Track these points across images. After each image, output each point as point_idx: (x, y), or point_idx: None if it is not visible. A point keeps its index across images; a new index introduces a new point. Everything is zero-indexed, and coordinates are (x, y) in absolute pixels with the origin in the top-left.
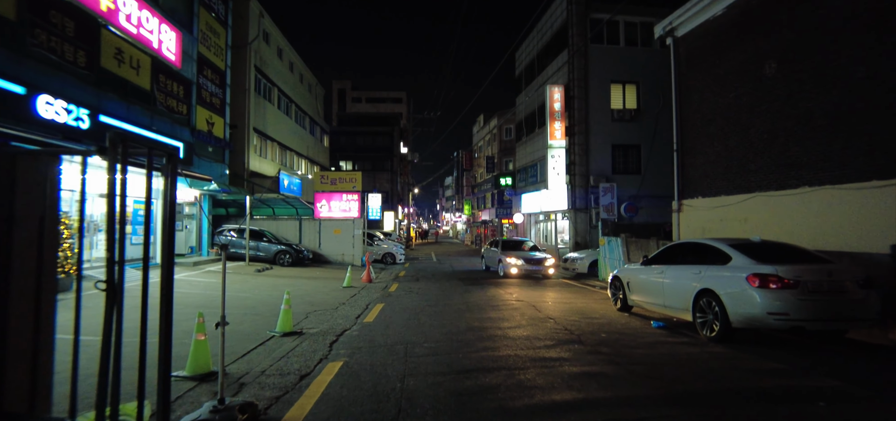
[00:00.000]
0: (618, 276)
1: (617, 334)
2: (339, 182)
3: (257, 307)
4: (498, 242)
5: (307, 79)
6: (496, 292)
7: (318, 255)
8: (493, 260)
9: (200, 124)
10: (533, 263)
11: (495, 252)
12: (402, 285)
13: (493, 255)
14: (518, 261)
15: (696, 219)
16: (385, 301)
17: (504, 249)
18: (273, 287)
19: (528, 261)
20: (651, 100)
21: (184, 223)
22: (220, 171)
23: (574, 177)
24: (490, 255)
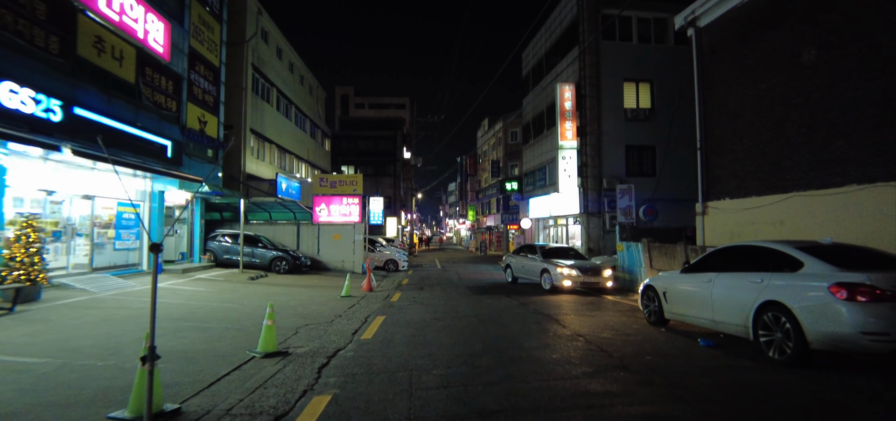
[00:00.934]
0: (651, 285)
1: (663, 356)
2: (340, 185)
3: (242, 321)
4: (536, 249)
5: (308, 80)
6: (508, 303)
7: (317, 261)
8: (528, 270)
9: (192, 122)
10: (589, 272)
11: (534, 261)
12: (405, 295)
13: (530, 264)
14: (571, 271)
15: (722, 222)
16: (386, 313)
17: (547, 256)
18: (264, 297)
19: (584, 270)
20: (666, 99)
21: (174, 227)
22: (213, 173)
23: (586, 179)
24: (524, 264)
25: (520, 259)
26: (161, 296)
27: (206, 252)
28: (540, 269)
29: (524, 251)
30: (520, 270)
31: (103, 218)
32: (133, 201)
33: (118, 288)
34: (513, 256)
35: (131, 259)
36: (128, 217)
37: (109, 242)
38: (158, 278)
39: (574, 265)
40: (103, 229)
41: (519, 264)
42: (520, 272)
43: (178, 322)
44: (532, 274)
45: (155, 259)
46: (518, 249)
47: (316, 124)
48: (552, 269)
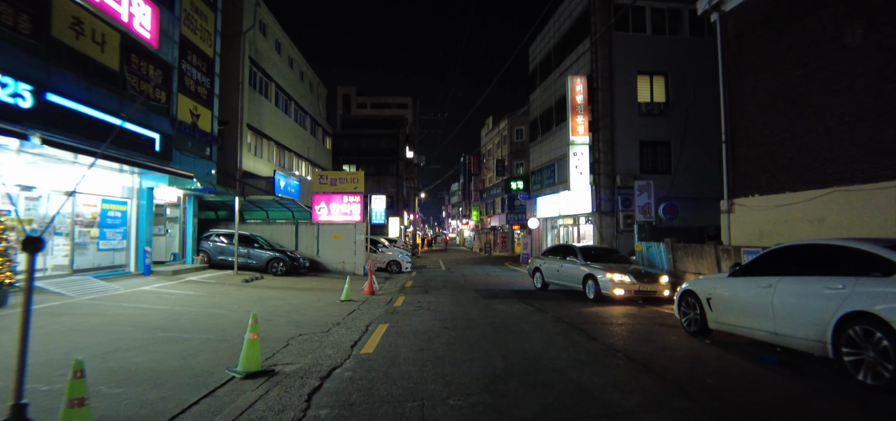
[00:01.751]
0: (692, 291)
1: (725, 378)
2: (340, 182)
3: (228, 330)
4: (574, 250)
5: (308, 77)
6: (522, 310)
7: (316, 262)
8: (565, 275)
9: (183, 115)
10: (645, 279)
11: (573, 265)
12: (409, 298)
13: (568, 269)
14: (625, 277)
15: (751, 220)
16: (389, 320)
17: (590, 259)
18: (258, 301)
19: (639, 277)
20: (681, 92)
21: (165, 227)
22: (206, 169)
23: (599, 176)
24: (560, 268)
25: (553, 262)
26: (144, 301)
27: (200, 253)
28: (582, 275)
29: (558, 253)
30: (553, 275)
31: (86, 216)
32: (120, 198)
33: (98, 292)
34: (543, 259)
35: (118, 260)
36: (113, 215)
37: (93, 242)
38: (145, 281)
39: (627, 270)
40: (86, 228)
41: (552, 268)
42: (553, 278)
43: (153, 332)
44: (571, 280)
45: (29, 261)
46: (550, 250)
47: (317, 122)
48: (600, 275)
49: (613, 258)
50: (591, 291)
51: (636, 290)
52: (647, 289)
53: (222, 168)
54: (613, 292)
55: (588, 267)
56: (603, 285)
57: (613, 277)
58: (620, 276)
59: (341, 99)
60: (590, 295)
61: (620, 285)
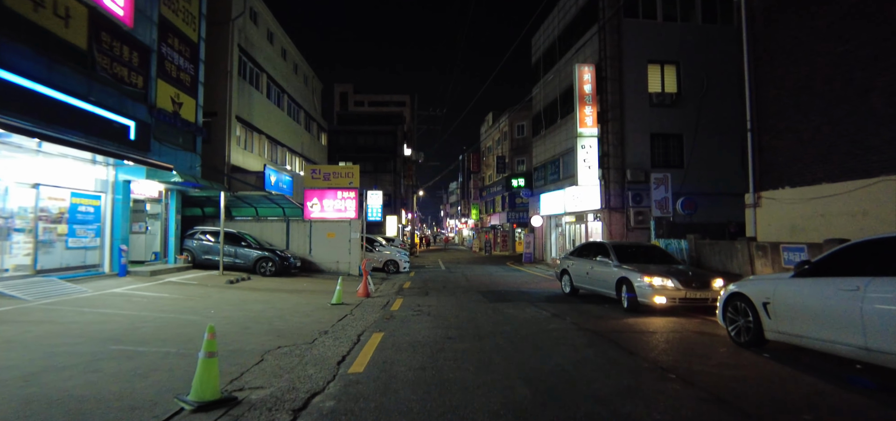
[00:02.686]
0: (742, 294)
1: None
2: (334, 177)
3: (194, 341)
4: (606, 248)
5: (303, 70)
6: (536, 314)
7: (309, 262)
8: (597, 278)
9: (163, 102)
10: (693, 283)
11: (604, 266)
12: (407, 301)
13: (599, 271)
14: (665, 280)
15: (780, 214)
16: (385, 328)
17: (624, 259)
18: (239, 305)
19: (686, 280)
20: (693, 82)
21: (146, 224)
22: (189, 162)
23: (608, 171)
24: (590, 271)
25: (583, 263)
26: (109, 305)
27: (184, 252)
28: (616, 278)
29: (588, 252)
30: (582, 279)
31: (52, 211)
32: (92, 192)
33: (59, 295)
34: (572, 259)
35: (90, 260)
36: (85, 210)
37: (60, 240)
38: (119, 282)
39: (670, 272)
40: (52, 224)
41: (581, 270)
42: (583, 281)
43: (104, 345)
44: (601, 284)
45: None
46: (579, 249)
47: (311, 117)
48: (636, 278)
49: (653, 257)
50: (626, 298)
51: (682, 297)
52: (696, 296)
53: (209, 162)
54: (652, 300)
55: (621, 269)
56: (640, 291)
57: (652, 281)
58: (661, 279)
59: (338, 97)
60: (624, 303)
61: (661, 291)
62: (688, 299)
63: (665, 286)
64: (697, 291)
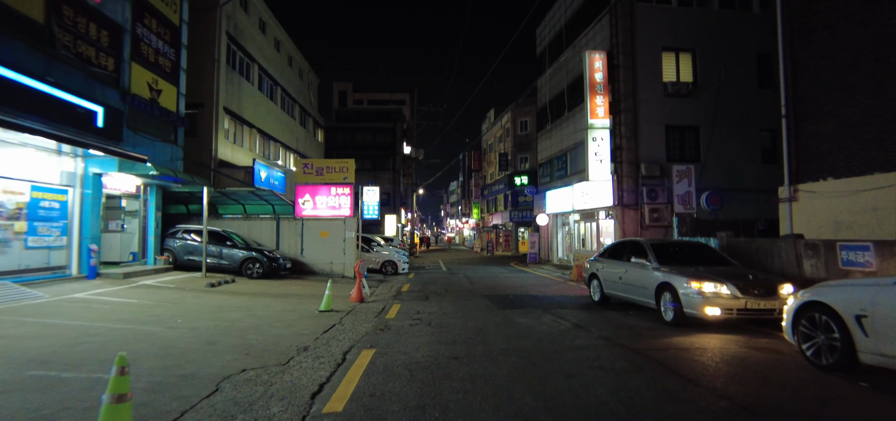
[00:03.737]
0: (822, 302)
1: None
2: (327, 172)
3: (140, 363)
4: (643, 248)
5: (298, 63)
6: (553, 324)
7: (300, 263)
8: (632, 284)
9: (138, 88)
10: (755, 290)
11: (641, 268)
12: (405, 308)
13: (635, 275)
14: (719, 285)
15: (822, 209)
16: (377, 343)
17: (665, 260)
18: (213, 314)
19: (744, 286)
20: (710, 71)
21: (122, 221)
22: (169, 154)
23: (620, 165)
24: (624, 275)
25: (615, 266)
26: (60, 314)
27: (164, 252)
28: (655, 283)
29: (621, 253)
30: (615, 285)
31: (7, 206)
32: (57, 185)
33: (8, 301)
34: (603, 262)
35: (55, 260)
36: (49, 206)
37: (18, 239)
38: (85, 285)
39: (724, 276)
40: (7, 221)
41: (612, 274)
42: (615, 288)
43: (22, 368)
44: (637, 291)
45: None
46: (611, 249)
47: (307, 112)
48: (681, 284)
49: (700, 257)
50: (669, 310)
51: (741, 308)
52: (759, 306)
53: (194, 156)
54: (703, 311)
55: (662, 272)
56: (687, 300)
57: (703, 287)
58: (714, 285)
59: (337, 95)
60: (667, 315)
61: (714, 300)
62: (748, 311)
63: (719, 294)
64: (761, 300)
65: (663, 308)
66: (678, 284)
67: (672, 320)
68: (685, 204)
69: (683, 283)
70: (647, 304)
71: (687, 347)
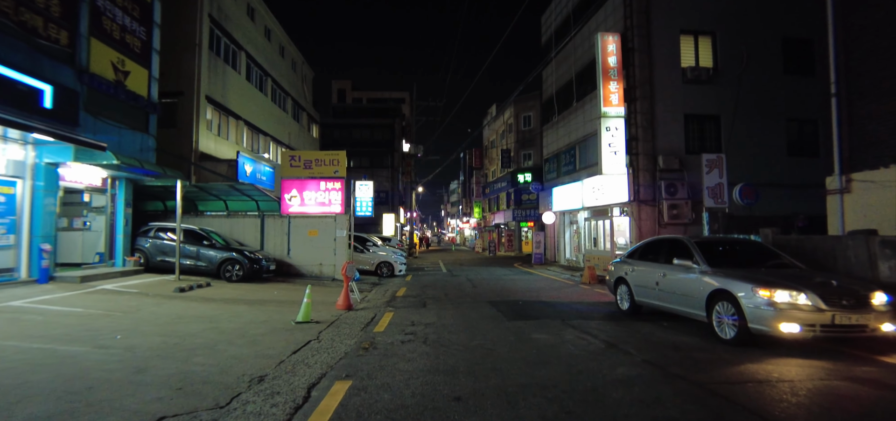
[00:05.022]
0: None
1: None
2: (316, 165)
3: (13, 409)
4: (685, 246)
5: (291, 54)
6: (577, 340)
7: (287, 265)
8: (672, 291)
9: (100, 68)
10: (846, 301)
11: (686, 272)
12: (399, 317)
13: (676, 280)
14: (798, 295)
15: (881, 201)
16: (356, 372)
17: (718, 262)
18: (168, 326)
19: (830, 296)
20: (731, 55)
21: (86, 219)
22: (139, 144)
23: (636, 157)
24: (662, 280)
25: (649, 269)
26: None
27: (135, 253)
28: (707, 291)
29: (656, 253)
30: (649, 292)
31: None
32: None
33: None
34: (632, 264)
35: (1, 262)
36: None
37: None
38: (29, 291)
39: (799, 282)
40: None
41: (646, 279)
42: (649, 295)
43: None
44: (682, 300)
45: None
46: (642, 248)
47: (300, 105)
48: (744, 291)
49: (758, 256)
50: (727, 325)
51: (826, 323)
52: (851, 322)
53: (174, 148)
54: (776, 328)
55: (715, 277)
56: (754, 313)
57: (774, 295)
58: (789, 293)
59: (336, 93)
60: (725, 332)
61: (791, 314)
62: (836, 327)
63: (797, 304)
64: (851, 314)
65: (717, 322)
66: (740, 292)
67: (732, 339)
68: (716, 197)
69: (747, 290)
70: (695, 316)
71: (768, 380)
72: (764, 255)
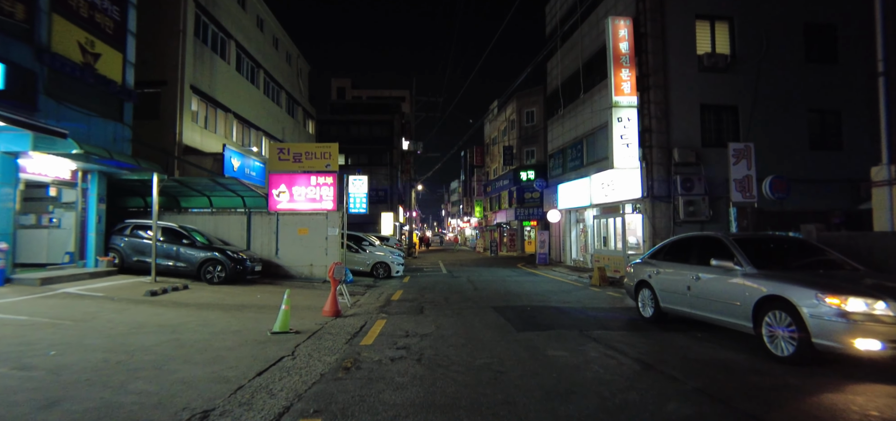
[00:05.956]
0: None
1: None
2: (306, 158)
3: None
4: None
5: (285, 46)
6: (604, 358)
7: (274, 265)
8: (707, 298)
9: (64, 48)
10: None
11: (726, 275)
12: (391, 326)
13: (712, 285)
14: (875, 303)
15: None
16: (329, 408)
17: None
18: (117, 340)
19: None
20: (750, 42)
21: (54, 215)
22: (112, 134)
23: (650, 150)
24: (695, 284)
25: (678, 271)
26: None
27: (110, 252)
28: (754, 299)
29: (686, 253)
30: (679, 298)
31: None
32: None
33: None
34: (656, 265)
35: None
36: None
37: None
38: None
39: (872, 288)
40: None
41: (674, 283)
42: (679, 302)
43: None
44: (722, 309)
45: None
46: (668, 247)
47: (295, 100)
48: (806, 299)
49: (814, 257)
50: (784, 339)
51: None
52: None
53: (156, 141)
54: (849, 343)
55: (767, 280)
56: (819, 325)
57: (846, 303)
58: (863, 301)
59: (335, 91)
60: (780, 348)
61: (868, 327)
62: None
63: (874, 315)
64: None
65: (769, 335)
66: (800, 300)
67: (790, 356)
68: (744, 191)
69: (810, 297)
70: (737, 327)
71: (862, 413)
72: (813, 254)
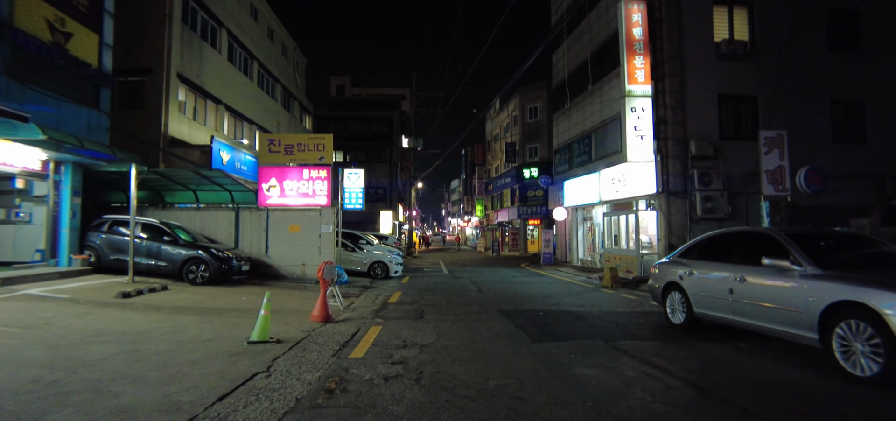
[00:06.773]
0: None
1: None
2: (298, 150)
3: None
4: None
5: (281, 38)
6: (650, 383)
7: (265, 264)
8: (765, 302)
9: (29, 24)
10: None
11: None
12: (387, 333)
13: (767, 290)
14: None
15: None
16: None
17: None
18: (62, 352)
19: None
20: (770, 28)
21: (24, 210)
22: (86, 121)
23: (665, 142)
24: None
25: (719, 272)
26: None
27: (85, 250)
28: (822, 305)
29: (726, 251)
30: (719, 303)
31: None
32: None
33: None
34: (688, 265)
35: None
36: None
37: None
38: None
39: None
40: None
41: (714, 286)
42: (718, 307)
43: None
44: (775, 316)
45: None
46: (703, 244)
47: (291, 94)
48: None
49: (882, 255)
50: (864, 355)
51: None
52: None
53: (142, 132)
54: None
55: (837, 283)
56: None
57: None
58: None
59: (335, 89)
60: (859, 366)
61: None
62: None
63: None
64: None
65: (842, 348)
66: (888, 307)
67: (875, 376)
68: (776, 184)
69: None
70: (796, 337)
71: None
72: (880, 251)
